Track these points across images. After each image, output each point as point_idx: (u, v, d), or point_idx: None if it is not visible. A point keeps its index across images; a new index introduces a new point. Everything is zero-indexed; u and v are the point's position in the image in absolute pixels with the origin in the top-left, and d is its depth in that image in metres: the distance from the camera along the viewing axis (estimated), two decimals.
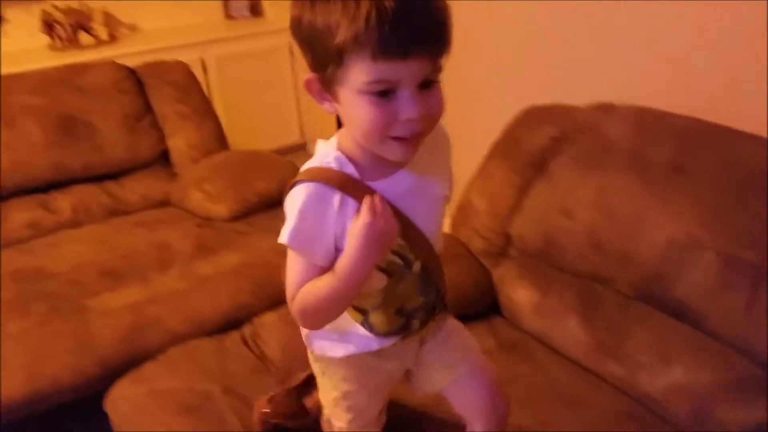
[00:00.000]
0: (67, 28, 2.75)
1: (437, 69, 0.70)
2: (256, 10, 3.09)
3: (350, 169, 0.76)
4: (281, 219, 0.80)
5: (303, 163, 0.80)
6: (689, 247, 1.13)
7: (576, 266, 1.35)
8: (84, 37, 2.77)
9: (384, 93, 0.68)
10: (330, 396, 0.94)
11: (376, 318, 0.84)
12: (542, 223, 1.40)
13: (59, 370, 1.38)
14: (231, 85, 2.77)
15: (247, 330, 1.36)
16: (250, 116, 2.83)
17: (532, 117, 1.54)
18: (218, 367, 1.22)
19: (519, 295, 1.43)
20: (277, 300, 1.44)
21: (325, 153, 0.77)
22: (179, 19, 2.92)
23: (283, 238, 0.75)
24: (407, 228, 0.79)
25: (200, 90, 2.18)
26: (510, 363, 1.29)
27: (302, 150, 3.10)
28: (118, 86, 2.11)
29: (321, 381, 0.95)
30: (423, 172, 0.80)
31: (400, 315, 0.85)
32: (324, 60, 0.69)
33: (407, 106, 0.68)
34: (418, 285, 0.85)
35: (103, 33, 2.82)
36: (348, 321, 0.86)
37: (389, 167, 0.77)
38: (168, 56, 2.31)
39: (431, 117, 0.71)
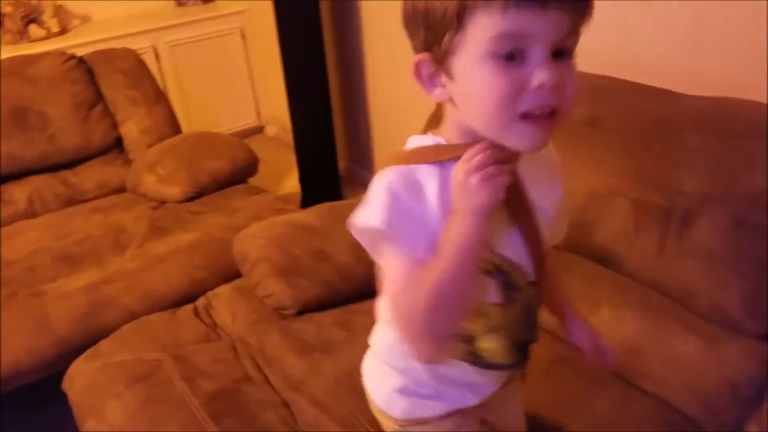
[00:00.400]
0: (17, 21, 2.72)
1: (576, 34, 0.58)
2: None
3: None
4: (234, 197, 0.76)
5: (261, 145, 0.75)
6: (606, 196, 1.20)
7: None
8: (34, 30, 2.75)
9: (511, 57, 0.56)
10: None
11: (487, 343, 0.70)
12: None
13: (19, 352, 1.41)
14: (185, 72, 2.78)
15: (200, 302, 1.41)
16: (206, 101, 2.84)
17: None
18: (169, 338, 1.27)
19: None
20: (230, 274, 1.50)
21: (422, 140, 0.66)
22: (131, 7, 2.91)
23: (364, 220, 0.63)
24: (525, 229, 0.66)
25: (150, 76, 2.19)
26: None
27: (260, 133, 3.13)
28: (68, 75, 2.11)
29: None
30: (534, 182, 0.67)
31: (515, 345, 0.72)
32: (440, 28, 0.58)
33: (539, 70, 0.55)
34: (528, 308, 0.71)
35: (54, 25, 2.80)
36: (430, 374, 0.72)
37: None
38: (120, 45, 2.31)
39: (563, 94, 0.57)
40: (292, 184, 2.64)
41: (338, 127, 2.58)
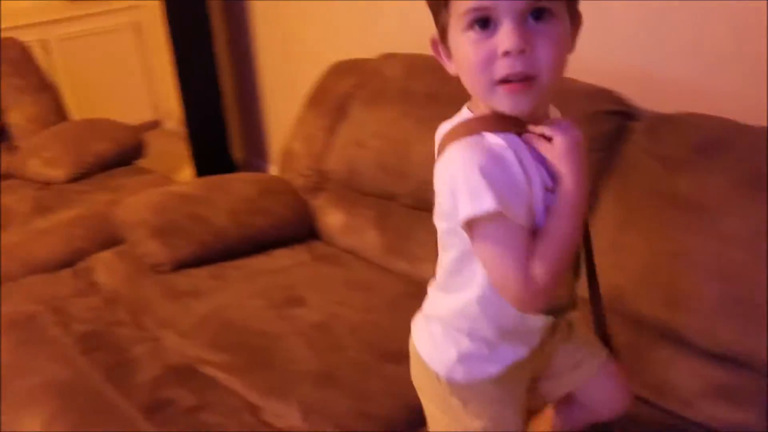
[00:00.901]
0: None
1: None
2: None
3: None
4: (119, 177, 0.81)
5: (158, 139, 0.79)
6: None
7: (372, 188, 1.60)
8: None
9: (485, 25, 0.61)
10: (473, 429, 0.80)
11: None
12: (345, 156, 1.64)
13: None
14: (78, 66, 2.79)
15: (79, 266, 1.48)
16: (101, 96, 2.86)
17: (337, 70, 1.78)
18: (47, 294, 1.34)
19: (331, 219, 1.67)
20: (111, 244, 1.58)
21: (460, 115, 0.71)
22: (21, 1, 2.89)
23: (478, 208, 0.63)
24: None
25: (36, 65, 2.21)
26: (319, 267, 1.53)
27: (157, 127, 3.17)
28: None
29: (461, 416, 0.81)
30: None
31: (568, 284, 0.77)
32: (436, 8, 0.66)
33: (503, 36, 0.60)
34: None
35: None
36: (495, 330, 0.76)
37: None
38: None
39: (536, 60, 0.61)
40: (188, 176, 2.72)
41: (233, 119, 2.69)
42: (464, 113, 0.72)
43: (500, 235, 0.64)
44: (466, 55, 0.63)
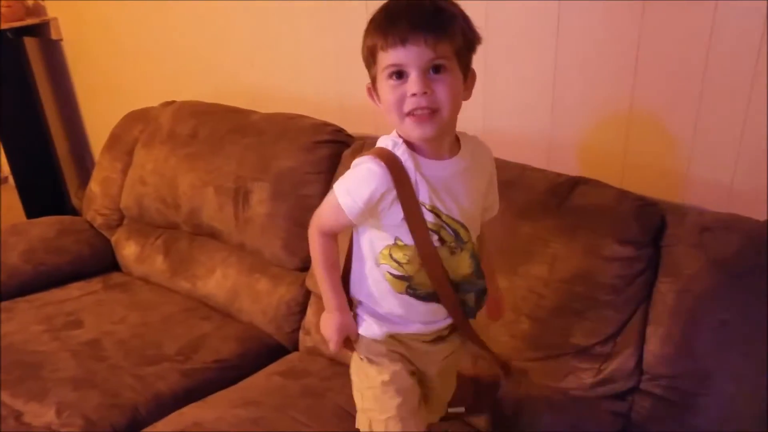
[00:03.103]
0: None
1: (443, 56, 0.83)
2: None
3: (410, 163, 0.88)
4: None
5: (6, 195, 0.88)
6: (199, 187, 1.67)
7: (157, 220, 1.83)
8: None
9: (399, 75, 0.84)
10: (376, 383, 0.98)
11: (420, 278, 0.93)
12: (133, 193, 1.87)
13: None
14: None
15: None
16: None
17: (129, 118, 2.02)
18: None
19: (127, 251, 1.88)
20: None
21: (392, 141, 0.90)
22: None
23: (339, 190, 0.89)
24: (454, 204, 0.91)
25: None
26: (107, 294, 1.74)
27: (5, 183, 3.23)
28: None
29: (367, 371, 1.00)
30: (467, 167, 0.93)
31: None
32: (368, 65, 0.88)
33: (411, 84, 0.83)
34: (468, 260, 0.94)
35: None
36: (386, 311, 0.96)
37: (441, 154, 0.90)
38: None
39: (437, 98, 0.84)
40: None
41: (68, 170, 2.83)
42: (393, 135, 0.92)
43: (331, 203, 0.91)
44: (386, 96, 0.86)
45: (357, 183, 0.89)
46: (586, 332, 1.13)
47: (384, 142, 0.91)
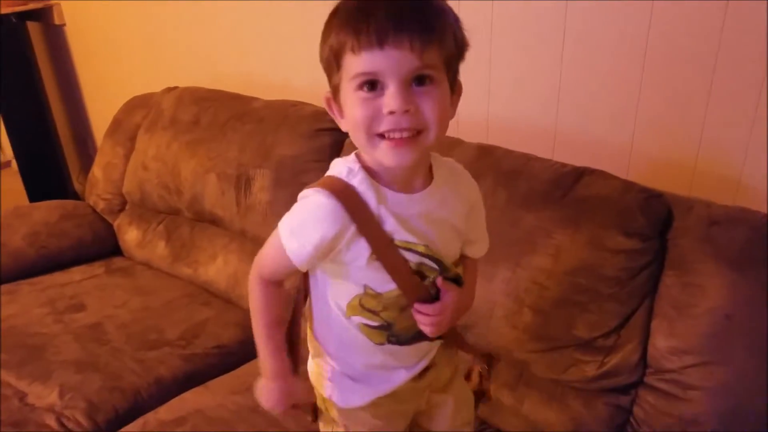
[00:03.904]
0: None
1: (431, 64, 0.66)
2: None
3: (370, 193, 0.72)
4: None
5: (8, 179, 0.87)
6: (201, 173, 1.66)
7: (159, 205, 1.83)
8: None
9: (372, 86, 0.66)
10: None
11: (402, 323, 0.79)
12: (135, 179, 1.86)
13: None
14: None
15: None
16: None
17: (131, 104, 2.01)
18: None
19: (129, 236, 1.88)
20: None
21: (348, 168, 0.74)
22: None
23: (283, 230, 0.74)
24: (430, 244, 0.76)
25: None
26: (109, 279, 1.74)
27: (8, 167, 3.23)
28: None
29: None
30: (443, 200, 0.77)
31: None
32: (329, 70, 0.70)
33: (389, 99, 0.65)
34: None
35: None
36: (363, 365, 0.83)
37: (411, 186, 0.75)
38: None
39: (422, 117, 0.67)
40: None
41: (70, 155, 2.83)
42: (351, 159, 0.76)
43: (274, 244, 0.77)
44: (354, 111, 0.68)
45: (303, 222, 0.73)
46: (589, 325, 1.12)
47: (337, 168, 0.75)
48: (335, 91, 0.72)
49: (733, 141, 1.19)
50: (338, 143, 1.55)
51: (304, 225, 0.72)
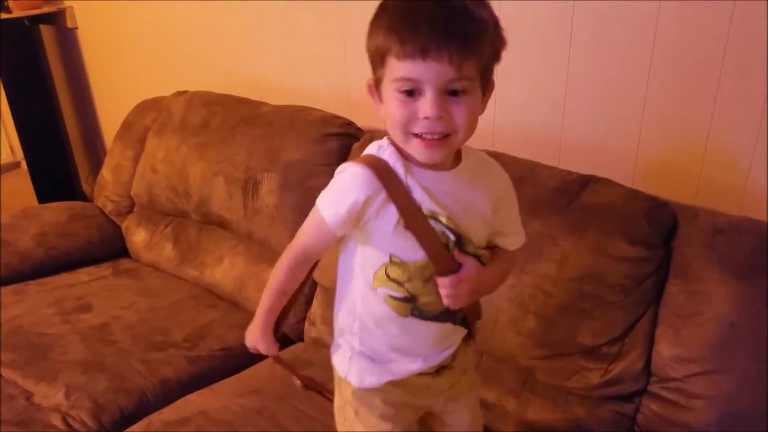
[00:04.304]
0: None
1: (465, 77, 0.72)
2: None
3: (398, 165, 0.78)
4: None
5: (17, 180, 0.89)
6: (209, 176, 1.67)
7: (167, 207, 1.84)
8: None
9: (411, 93, 0.73)
10: None
11: (426, 297, 0.83)
12: (144, 181, 1.88)
13: None
14: None
15: None
16: None
17: (141, 107, 2.02)
18: None
19: (136, 237, 1.89)
20: None
21: (378, 145, 0.81)
22: None
23: (321, 200, 0.80)
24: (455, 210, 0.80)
25: None
26: (117, 280, 1.75)
27: (17, 168, 3.27)
28: None
29: (353, 424, 0.91)
30: (468, 184, 0.82)
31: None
32: (374, 63, 0.77)
33: (425, 105, 0.72)
34: None
35: None
36: (384, 344, 0.87)
37: (437, 168, 0.80)
38: None
39: (453, 122, 0.73)
40: None
41: (79, 157, 2.85)
42: (384, 141, 0.82)
43: (310, 222, 0.85)
44: (392, 110, 0.75)
45: (339, 190, 0.80)
46: (593, 332, 1.12)
47: (370, 149, 0.82)
48: (378, 81, 0.78)
49: (739, 149, 1.19)
50: (346, 148, 1.56)
51: (340, 192, 0.80)
